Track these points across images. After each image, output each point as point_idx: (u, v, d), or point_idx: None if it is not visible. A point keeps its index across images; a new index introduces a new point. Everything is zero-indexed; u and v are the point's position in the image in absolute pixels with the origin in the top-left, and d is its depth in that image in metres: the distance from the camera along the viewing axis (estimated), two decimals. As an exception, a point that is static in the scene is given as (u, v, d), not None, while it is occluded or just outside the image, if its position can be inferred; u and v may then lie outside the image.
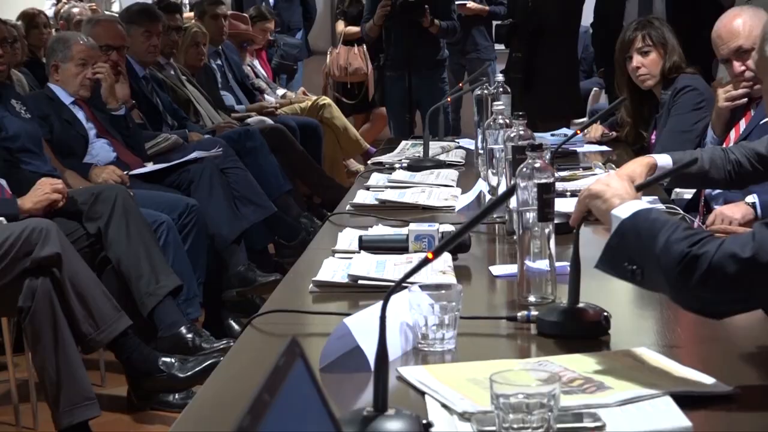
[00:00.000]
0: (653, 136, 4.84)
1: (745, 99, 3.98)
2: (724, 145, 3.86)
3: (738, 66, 3.91)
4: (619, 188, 2.10)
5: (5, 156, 4.55)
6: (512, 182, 2.73)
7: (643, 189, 2.45)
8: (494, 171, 3.56)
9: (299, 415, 1.10)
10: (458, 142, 5.27)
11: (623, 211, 2.02)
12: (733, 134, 4.02)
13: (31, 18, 7.21)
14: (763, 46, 2.13)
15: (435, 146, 4.91)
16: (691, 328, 2.30)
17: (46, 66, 5.47)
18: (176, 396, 4.17)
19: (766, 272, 1.74)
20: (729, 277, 1.74)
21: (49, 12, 8.14)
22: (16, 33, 6.12)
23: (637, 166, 2.70)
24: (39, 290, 3.73)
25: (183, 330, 4.34)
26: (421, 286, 2.09)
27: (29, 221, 3.95)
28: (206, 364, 4.05)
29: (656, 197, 3.58)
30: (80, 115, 5.27)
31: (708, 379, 1.82)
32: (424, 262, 1.76)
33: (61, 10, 7.93)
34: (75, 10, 7.54)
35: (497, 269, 2.76)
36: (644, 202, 2.12)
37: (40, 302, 3.73)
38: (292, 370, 1.10)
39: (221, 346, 4.26)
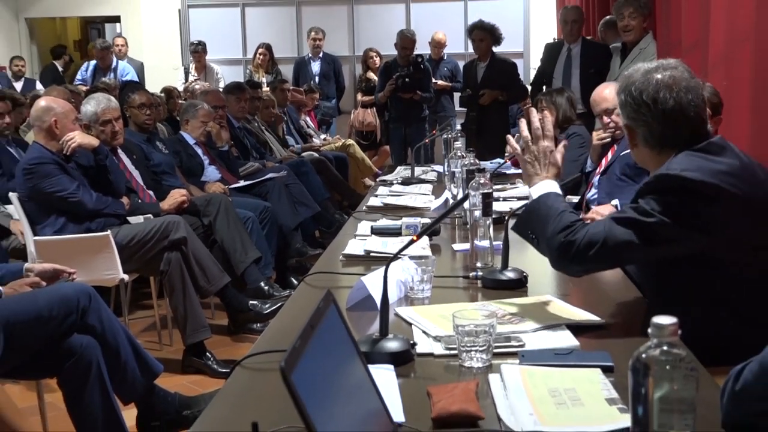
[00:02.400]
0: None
1: (610, 138, 4.30)
2: (598, 169, 4.34)
3: (605, 119, 4.25)
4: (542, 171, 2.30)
5: (152, 176, 5.17)
6: (466, 192, 2.93)
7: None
8: (455, 185, 3.87)
9: (332, 339, 1.24)
10: (432, 167, 5.84)
11: (535, 191, 2.27)
12: (604, 162, 4.32)
13: (169, 91, 8.05)
14: (620, 94, 2.29)
15: (418, 170, 5.44)
16: (578, 283, 2.46)
17: (180, 121, 6.26)
18: (258, 325, 4.71)
19: (612, 250, 2.04)
20: (590, 256, 2.04)
21: (180, 87, 8.95)
22: (159, 100, 6.95)
23: None
24: (173, 260, 4.27)
25: (262, 284, 4.96)
26: (410, 257, 2.36)
27: (167, 217, 4.52)
28: (277, 305, 4.53)
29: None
30: (199, 151, 6.00)
31: (588, 315, 2.08)
32: (411, 242, 2.07)
33: (188, 86, 8.76)
34: (196, 86, 8.35)
35: (457, 246, 3.09)
36: (553, 184, 2.27)
37: (173, 267, 4.27)
38: (328, 310, 1.27)
39: (286, 294, 4.78)
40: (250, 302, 4.70)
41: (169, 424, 3.08)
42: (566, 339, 1.93)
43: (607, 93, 4.26)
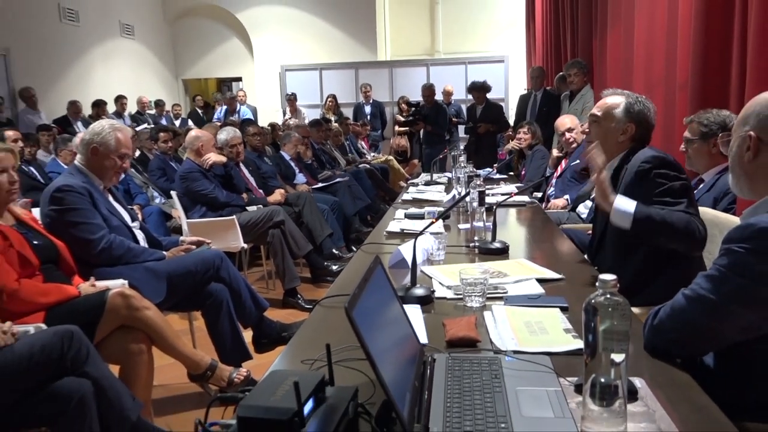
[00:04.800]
0: (523, 170, 5.28)
1: (564, 153, 4.38)
2: (555, 173, 4.31)
3: (567, 135, 4.26)
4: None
5: (262, 180, 5.17)
6: (467, 190, 2.88)
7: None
8: (459, 185, 3.84)
9: (379, 287, 1.24)
10: (445, 174, 5.70)
11: (625, 204, 1.88)
12: (559, 169, 4.35)
13: (273, 125, 7.93)
14: (594, 111, 2.20)
15: (436, 176, 5.41)
16: (542, 250, 2.54)
17: (280, 144, 6.31)
18: (330, 278, 4.63)
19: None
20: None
21: (280, 122, 8.93)
22: (267, 131, 6.95)
23: None
24: (275, 234, 4.29)
25: (334, 250, 4.92)
26: (430, 233, 2.30)
27: (271, 207, 4.55)
28: (343, 265, 4.54)
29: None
30: (292, 163, 5.97)
31: (550, 272, 2.03)
32: (431, 223, 2.16)
33: (285, 122, 8.76)
34: (291, 122, 8.34)
35: (461, 226, 3.01)
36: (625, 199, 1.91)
37: (276, 239, 4.29)
38: (377, 268, 1.28)
39: (349, 257, 4.71)
40: (326, 262, 4.71)
41: (273, 341, 3.08)
42: (535, 288, 1.90)
43: (566, 121, 4.36)
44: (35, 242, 2.34)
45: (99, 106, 9.02)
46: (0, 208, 2.32)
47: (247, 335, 3.00)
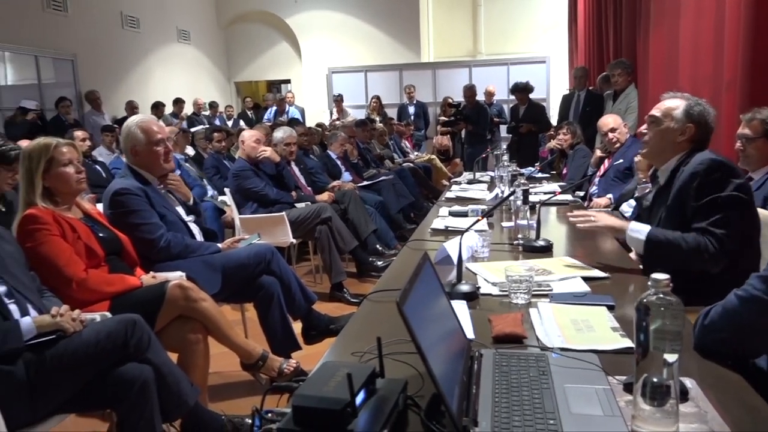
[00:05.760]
0: (565, 170, 5.16)
1: (607, 152, 4.27)
2: (598, 173, 4.21)
3: (606, 138, 4.19)
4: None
5: (310, 177, 5.21)
6: (513, 189, 2.85)
7: None
8: (502, 184, 3.84)
9: (427, 283, 1.24)
10: (487, 173, 5.66)
11: (640, 227, 2.01)
12: (602, 168, 4.25)
13: (320, 125, 8.08)
14: (654, 113, 2.15)
15: (478, 174, 5.38)
16: (587, 249, 2.43)
17: (327, 144, 6.26)
18: (375, 272, 4.62)
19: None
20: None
21: (327, 123, 9.00)
22: (314, 131, 6.95)
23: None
24: (323, 230, 4.30)
25: (378, 246, 4.87)
26: (475, 230, 2.27)
27: (319, 204, 4.58)
28: (389, 259, 4.59)
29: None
30: (338, 162, 5.98)
31: (597, 271, 1.97)
32: (478, 220, 2.17)
33: (332, 122, 8.81)
34: (337, 123, 8.39)
35: (504, 224, 2.96)
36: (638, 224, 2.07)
37: (323, 235, 4.29)
38: (425, 264, 1.26)
39: (392, 253, 4.79)
40: (371, 257, 4.70)
41: (321, 333, 3.09)
42: (581, 286, 1.85)
43: (609, 120, 4.24)
44: (101, 235, 2.41)
45: (157, 107, 9.27)
46: (70, 200, 2.39)
47: (297, 327, 3.01)
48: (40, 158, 2.30)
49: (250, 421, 2.23)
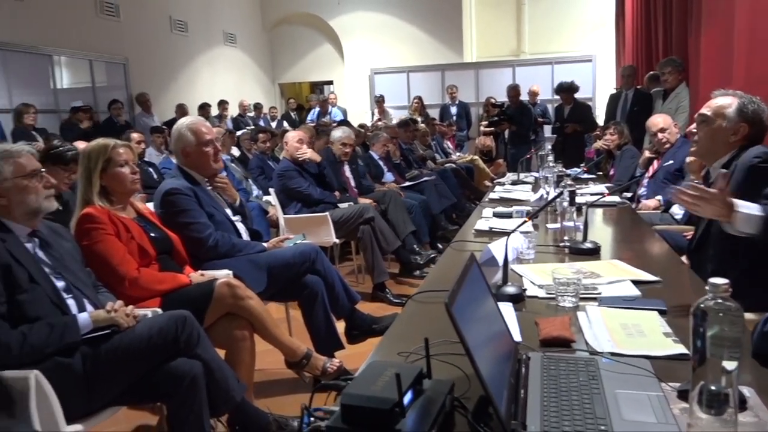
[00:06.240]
0: (612, 171, 5.05)
1: (657, 153, 4.15)
2: (647, 174, 4.08)
3: (655, 139, 4.08)
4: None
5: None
6: (561, 190, 2.86)
7: None
8: (547, 185, 3.74)
9: (475, 284, 1.23)
10: (531, 174, 5.59)
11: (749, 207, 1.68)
12: (651, 169, 4.14)
13: (362, 126, 8.11)
14: (704, 111, 2.09)
15: (522, 175, 5.32)
16: (636, 251, 2.40)
17: (369, 144, 6.33)
18: (417, 272, 4.62)
19: None
20: None
21: (369, 124, 9.02)
22: (361, 133, 6.92)
23: None
24: (366, 230, 4.31)
25: (415, 247, 4.81)
26: (521, 232, 2.20)
27: (362, 204, 4.61)
28: (429, 258, 4.61)
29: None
30: (381, 163, 5.98)
31: (647, 274, 1.92)
32: (524, 222, 2.13)
33: (374, 123, 8.81)
34: (379, 123, 8.39)
35: (550, 225, 2.91)
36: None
37: (366, 235, 4.30)
38: (473, 266, 1.25)
39: (430, 254, 4.76)
40: (412, 256, 4.68)
41: (364, 332, 3.09)
42: (630, 290, 1.81)
43: (658, 120, 4.13)
44: (152, 235, 2.48)
45: (204, 108, 9.48)
46: (124, 200, 2.48)
47: (340, 326, 3.02)
48: (98, 158, 2.39)
49: (295, 423, 2.26)
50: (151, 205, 2.88)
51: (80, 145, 3.75)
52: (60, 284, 1.92)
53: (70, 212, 2.47)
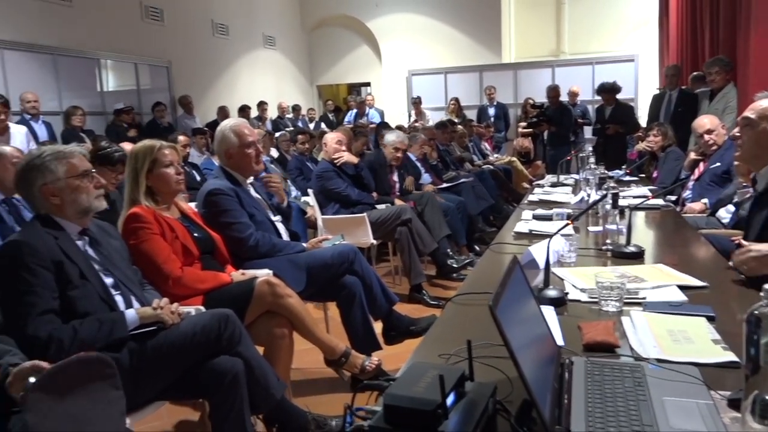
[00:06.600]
0: (655, 173, 4.94)
1: (703, 155, 4.05)
2: (692, 176, 3.96)
3: (706, 137, 3.95)
4: None
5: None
6: (605, 192, 2.75)
7: None
8: (588, 187, 3.67)
9: (517, 287, 1.22)
10: (572, 175, 5.48)
11: None
12: (697, 171, 4.04)
13: (400, 127, 7.91)
14: (748, 114, 2.05)
15: (562, 177, 5.21)
16: (681, 256, 2.34)
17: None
18: (455, 275, 4.59)
19: None
20: None
21: (406, 125, 9.00)
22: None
23: None
24: (403, 232, 4.30)
25: (449, 251, 4.69)
26: (561, 234, 2.16)
27: (399, 205, 4.58)
28: (465, 262, 4.55)
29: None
30: (418, 164, 5.96)
31: (693, 279, 1.88)
32: (567, 224, 2.05)
33: (411, 124, 8.78)
34: (417, 125, 8.37)
35: (591, 228, 2.89)
36: None
37: (403, 236, 4.28)
38: (516, 268, 1.25)
39: (464, 258, 4.66)
40: (448, 260, 4.64)
41: (401, 334, 3.09)
42: (677, 295, 1.76)
43: (705, 122, 4.02)
44: (196, 235, 2.53)
45: (244, 110, 9.63)
46: (169, 200, 2.54)
47: (377, 327, 3.03)
48: (145, 158, 2.46)
49: (333, 422, 2.28)
50: (193, 205, 2.95)
51: (126, 146, 3.87)
52: (109, 281, 1.98)
53: (117, 212, 2.53)
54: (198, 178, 5.48)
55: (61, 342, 1.76)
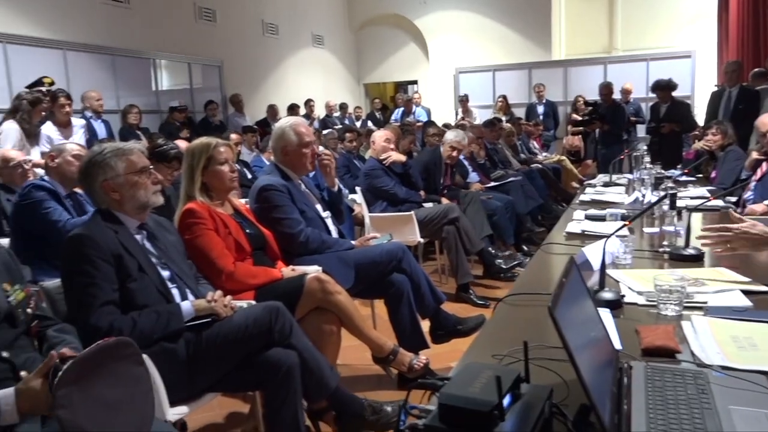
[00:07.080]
0: (714, 173, 4.77)
1: (765, 154, 3.86)
2: (754, 177, 3.79)
3: (764, 140, 3.79)
4: None
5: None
6: (665, 193, 2.65)
7: None
8: (643, 187, 3.57)
9: (575, 288, 1.19)
10: (625, 175, 5.30)
11: None
12: (759, 172, 3.84)
13: (447, 125, 7.93)
14: None
15: (615, 177, 5.06)
16: (744, 259, 2.15)
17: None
18: (503, 275, 4.51)
19: None
20: None
21: (453, 123, 8.82)
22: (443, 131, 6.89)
23: None
24: (450, 231, 4.26)
25: (491, 249, 4.63)
26: (617, 236, 2.09)
27: (447, 204, 4.57)
28: (512, 264, 4.49)
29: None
30: (466, 162, 5.86)
31: (759, 284, 1.79)
32: (624, 225, 2.00)
33: (458, 123, 8.63)
34: (464, 122, 8.29)
35: (647, 230, 2.79)
36: None
37: (450, 235, 4.26)
38: (573, 270, 1.22)
39: (516, 262, 4.55)
40: (496, 260, 4.59)
41: (448, 333, 3.08)
42: (740, 300, 1.69)
43: None
44: (248, 231, 2.58)
45: (293, 109, 9.74)
46: (223, 196, 2.59)
47: (425, 325, 3.01)
48: (201, 155, 2.52)
49: (389, 408, 2.30)
50: (245, 202, 3.00)
51: (181, 144, 3.97)
52: (165, 274, 2.04)
53: (172, 207, 2.61)
54: (249, 175, 5.58)
55: (121, 332, 1.81)
